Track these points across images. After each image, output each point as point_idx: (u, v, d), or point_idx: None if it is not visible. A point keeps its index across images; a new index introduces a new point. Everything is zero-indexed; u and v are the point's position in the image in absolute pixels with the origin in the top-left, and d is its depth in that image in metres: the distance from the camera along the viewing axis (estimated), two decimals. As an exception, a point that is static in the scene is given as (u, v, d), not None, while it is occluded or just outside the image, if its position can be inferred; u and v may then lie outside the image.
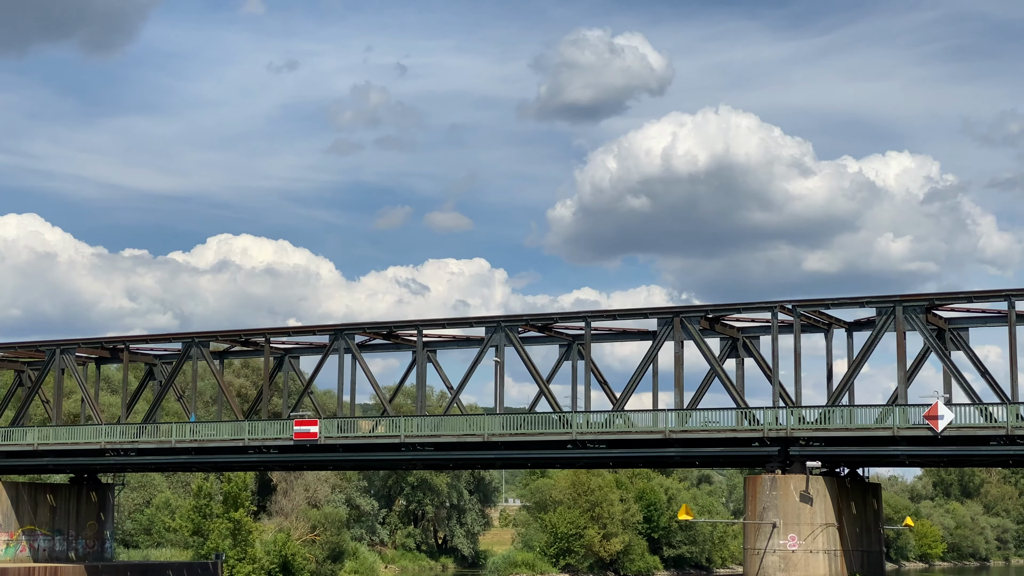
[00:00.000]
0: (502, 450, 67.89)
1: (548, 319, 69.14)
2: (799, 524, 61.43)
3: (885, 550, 69.80)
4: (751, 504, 62.92)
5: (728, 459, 66.74)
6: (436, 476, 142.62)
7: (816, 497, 61.88)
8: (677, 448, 64.95)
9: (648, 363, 66.69)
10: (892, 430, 60.43)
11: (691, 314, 65.72)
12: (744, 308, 65.74)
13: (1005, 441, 59.30)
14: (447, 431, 68.29)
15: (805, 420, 62.59)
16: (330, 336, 72.21)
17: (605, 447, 66.56)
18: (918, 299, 62.37)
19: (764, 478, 62.30)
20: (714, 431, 63.82)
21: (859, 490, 66.28)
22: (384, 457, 70.84)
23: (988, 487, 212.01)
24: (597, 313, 67.74)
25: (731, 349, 71.44)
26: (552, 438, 66.37)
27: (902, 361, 62.72)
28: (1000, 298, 61.55)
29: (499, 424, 67.29)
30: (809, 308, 64.93)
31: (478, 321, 70.00)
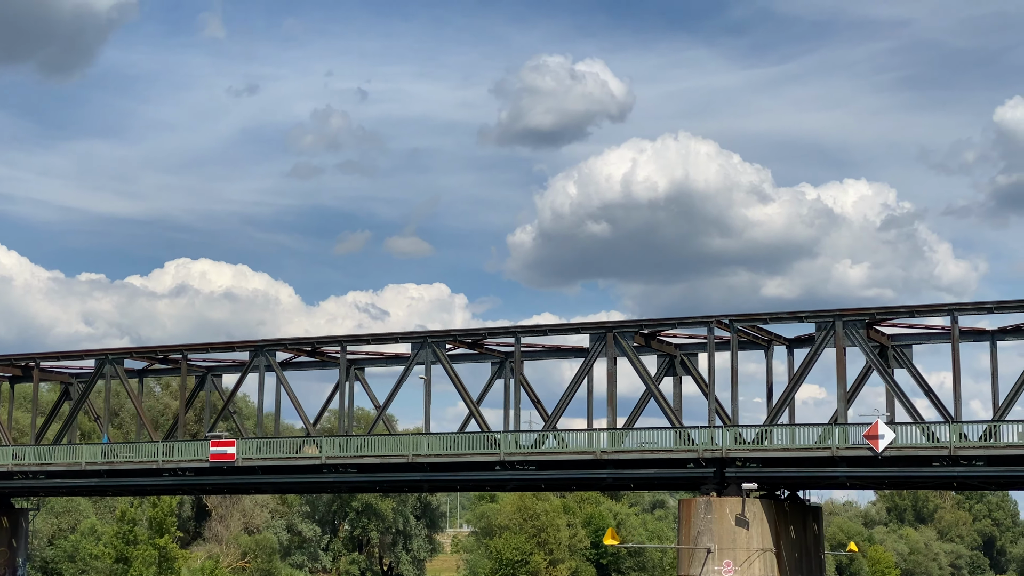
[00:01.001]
0: (428, 471, 64.45)
1: (477, 335, 65.89)
2: (735, 549, 58.30)
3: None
4: (685, 528, 59.77)
5: (663, 481, 63.60)
6: (381, 501, 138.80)
7: (753, 521, 58.78)
8: (610, 470, 61.76)
9: (579, 380, 63.50)
10: (831, 451, 57.48)
11: (624, 329, 62.62)
12: (679, 323, 62.70)
13: (948, 462, 56.45)
14: (370, 452, 64.77)
15: (743, 440, 59.62)
16: (250, 353, 68.65)
17: (535, 468, 63.28)
18: (858, 313, 59.53)
19: (698, 501, 59.17)
20: (647, 452, 60.67)
21: (799, 514, 63.23)
22: (306, 480, 67.22)
23: (942, 513, 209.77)
24: (527, 328, 64.53)
25: (668, 367, 68.43)
26: (480, 459, 63.04)
27: (842, 379, 59.80)
28: (943, 312, 58.81)
29: (425, 444, 63.87)
30: (746, 323, 61.97)
31: (403, 337, 66.63)
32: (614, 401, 62.88)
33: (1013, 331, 62.94)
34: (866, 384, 65.81)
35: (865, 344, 59.24)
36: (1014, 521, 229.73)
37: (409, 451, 63.63)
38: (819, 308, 60.59)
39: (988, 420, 56.37)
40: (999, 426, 55.69)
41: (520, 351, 64.74)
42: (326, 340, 69.10)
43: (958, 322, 58.15)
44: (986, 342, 63.37)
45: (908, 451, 56.45)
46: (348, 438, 65.38)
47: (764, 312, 61.38)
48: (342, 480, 66.61)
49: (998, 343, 63.09)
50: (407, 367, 66.01)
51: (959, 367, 57.87)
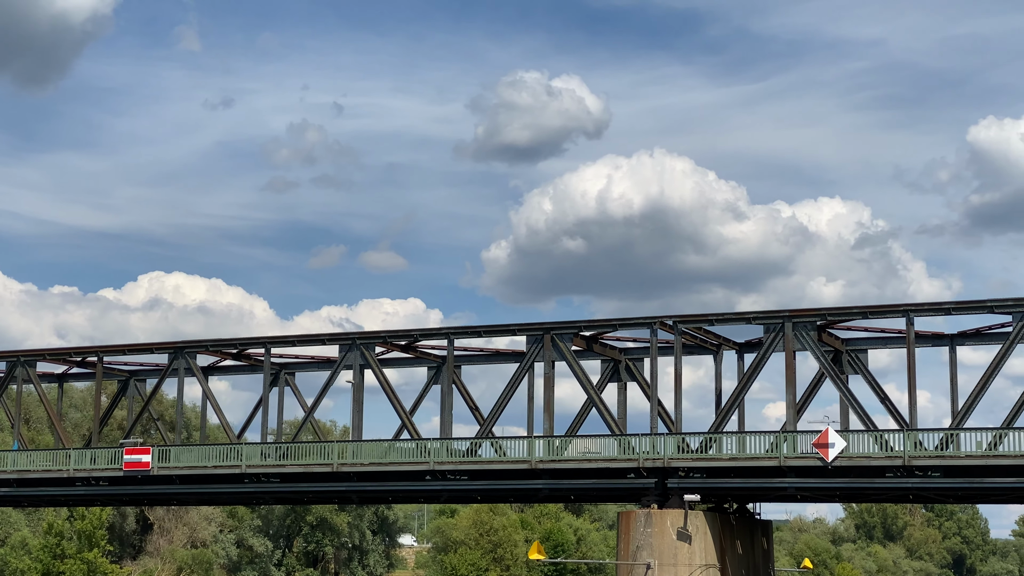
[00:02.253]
0: (355, 481, 60.21)
1: (409, 336, 61.72)
2: (676, 565, 54.21)
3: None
4: (624, 543, 55.68)
5: (603, 492, 59.48)
6: (336, 515, 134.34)
7: (696, 535, 54.71)
8: (546, 480, 57.64)
9: (514, 385, 59.39)
10: (779, 460, 53.50)
11: (562, 331, 58.57)
12: (620, 324, 58.68)
13: (903, 472, 52.54)
14: (294, 460, 60.50)
15: (689, 449, 55.57)
16: (169, 355, 64.34)
17: (468, 478, 59.11)
18: (809, 314, 55.65)
19: (638, 514, 55.10)
20: (585, 461, 56.59)
21: (747, 528, 59.21)
22: (227, 490, 62.83)
23: (911, 530, 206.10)
24: (461, 330, 60.41)
25: (613, 372, 64.40)
26: (409, 468, 58.85)
27: (791, 384, 55.86)
28: (898, 314, 54.94)
29: (351, 453, 59.65)
30: (691, 324, 58.00)
31: (330, 338, 62.40)
32: (551, 407, 58.82)
33: (973, 335, 59.22)
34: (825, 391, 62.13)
35: (816, 347, 55.36)
36: (984, 539, 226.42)
37: (335, 460, 59.41)
38: (770, 309, 56.74)
39: (945, 428, 52.50)
40: (957, 435, 51.86)
41: (452, 353, 60.65)
42: (250, 342, 64.81)
43: (914, 324, 54.33)
44: (945, 347, 59.66)
45: (860, 461, 52.56)
46: (270, 446, 61.11)
47: (709, 313, 57.46)
48: (265, 491, 62.31)
49: (958, 348, 59.37)
50: (334, 370, 61.84)
51: (914, 371, 54.02)
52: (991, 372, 52.76)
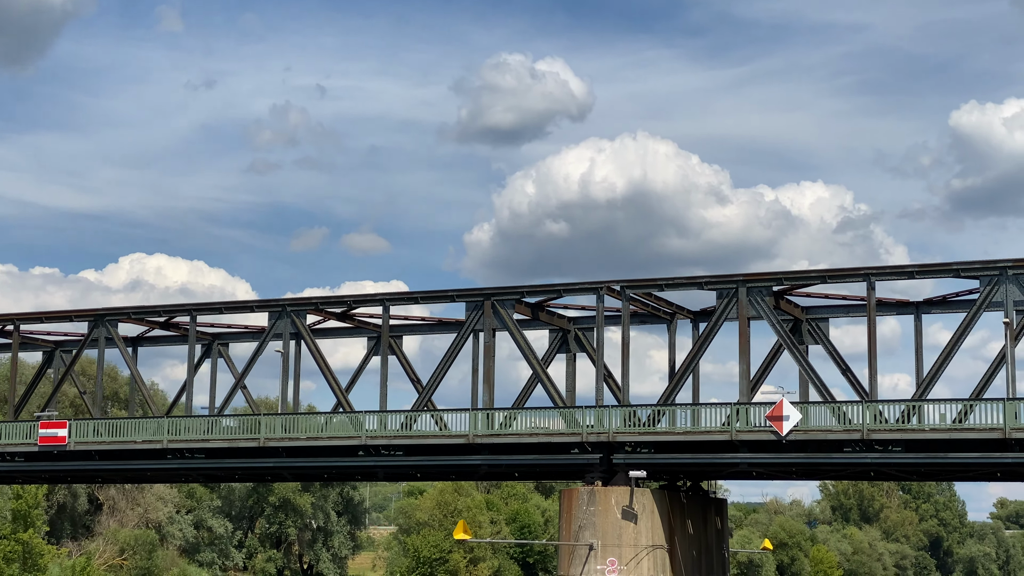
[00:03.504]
0: (284, 457, 56.15)
1: (342, 303, 57.57)
2: (620, 546, 50.28)
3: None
4: (566, 522, 51.73)
5: (547, 469, 55.45)
6: (299, 496, 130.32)
7: (642, 514, 50.77)
8: (485, 455, 53.64)
9: (453, 354, 55.37)
10: (730, 434, 49.58)
11: (504, 297, 54.54)
12: (565, 290, 54.61)
13: (861, 447, 48.67)
14: (219, 435, 56.41)
15: (640, 423, 51.52)
16: (89, 324, 60.14)
17: (403, 454, 55.10)
18: (764, 278, 51.69)
19: (580, 491, 51.15)
20: (525, 435, 52.63)
21: (698, 506, 55.31)
22: (149, 466, 58.65)
23: (888, 512, 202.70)
24: (396, 296, 56.32)
25: (561, 342, 60.43)
26: (340, 443, 54.81)
27: (745, 353, 51.93)
28: (858, 277, 51.00)
29: (279, 426, 55.57)
30: (639, 290, 54.00)
31: (260, 305, 58.24)
32: (491, 378, 54.82)
33: (939, 303, 55.34)
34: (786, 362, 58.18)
35: (772, 314, 51.41)
36: (961, 522, 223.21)
37: (261, 434, 55.35)
38: (723, 273, 52.76)
39: (906, 399, 48.61)
40: (921, 407, 47.95)
41: (388, 321, 56.57)
42: (176, 309, 60.57)
43: (875, 289, 50.40)
44: (911, 315, 55.76)
45: (816, 434, 48.66)
46: (195, 420, 56.99)
47: (659, 278, 53.45)
48: (189, 467, 58.21)
49: (923, 316, 55.48)
50: (263, 339, 57.76)
51: (875, 339, 50.11)
52: (957, 340, 48.91)
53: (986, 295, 48.29)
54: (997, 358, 51.87)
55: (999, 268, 48.15)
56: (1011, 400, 46.11)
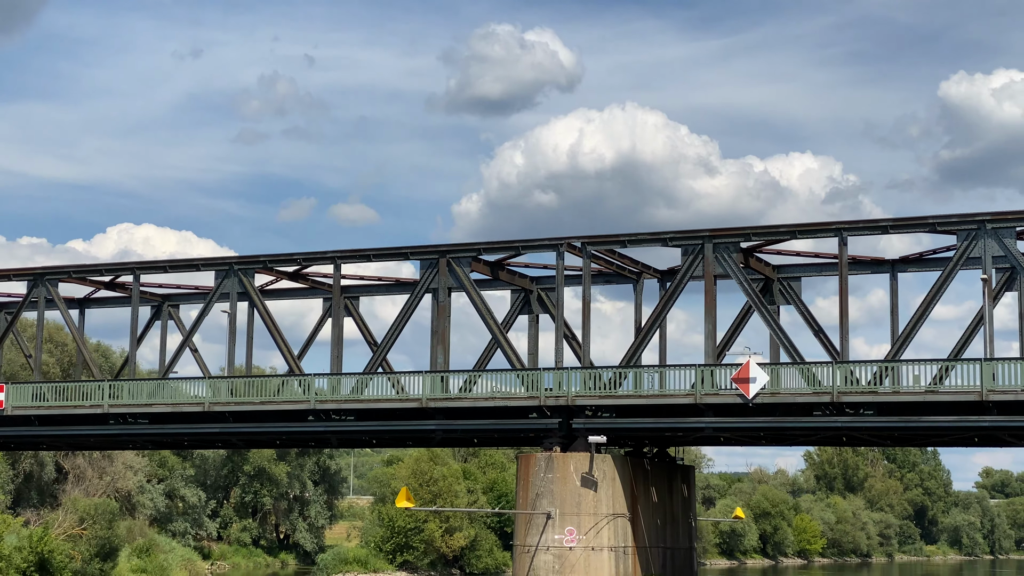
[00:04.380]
0: (230, 422, 53.38)
1: (292, 261, 54.64)
2: (579, 514, 47.64)
3: (698, 546, 56.31)
4: (523, 489, 49.06)
5: (505, 434, 52.67)
6: (275, 465, 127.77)
7: (603, 481, 48.10)
8: (439, 420, 50.90)
9: (406, 315, 52.56)
10: (694, 397, 46.86)
11: (460, 254, 51.67)
12: (523, 246, 51.73)
13: (832, 410, 46.01)
14: (162, 400, 53.57)
15: (605, 385, 48.63)
16: (28, 283, 57.19)
17: (354, 419, 52.36)
18: (731, 234, 48.85)
19: (538, 457, 48.45)
20: (480, 399, 49.87)
21: (664, 473, 52.65)
22: (89, 432, 55.83)
23: (872, 481, 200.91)
24: (348, 253, 53.39)
25: (524, 303, 57.64)
26: (289, 408, 52.01)
27: (711, 311, 49.15)
28: (830, 232, 48.20)
29: (226, 390, 52.77)
30: (601, 246, 51.17)
31: (206, 264, 55.31)
32: (446, 339, 52.00)
33: (916, 261, 52.58)
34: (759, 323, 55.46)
35: (739, 271, 48.59)
36: (946, 491, 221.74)
37: (206, 398, 52.54)
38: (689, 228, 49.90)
39: (878, 360, 45.88)
40: (897, 367, 45.18)
41: (340, 279, 53.69)
42: (119, 268, 57.59)
43: (847, 244, 47.61)
44: (886, 273, 53.00)
45: (784, 397, 45.95)
46: (139, 383, 54.13)
47: (622, 234, 50.60)
48: (133, 433, 55.39)
49: (899, 275, 52.72)
50: (209, 299, 54.88)
51: (847, 296, 47.34)
52: (932, 297, 46.13)
53: (963, 250, 45.51)
54: (976, 319, 49.28)
55: (977, 222, 45.38)
56: (988, 360, 43.41)
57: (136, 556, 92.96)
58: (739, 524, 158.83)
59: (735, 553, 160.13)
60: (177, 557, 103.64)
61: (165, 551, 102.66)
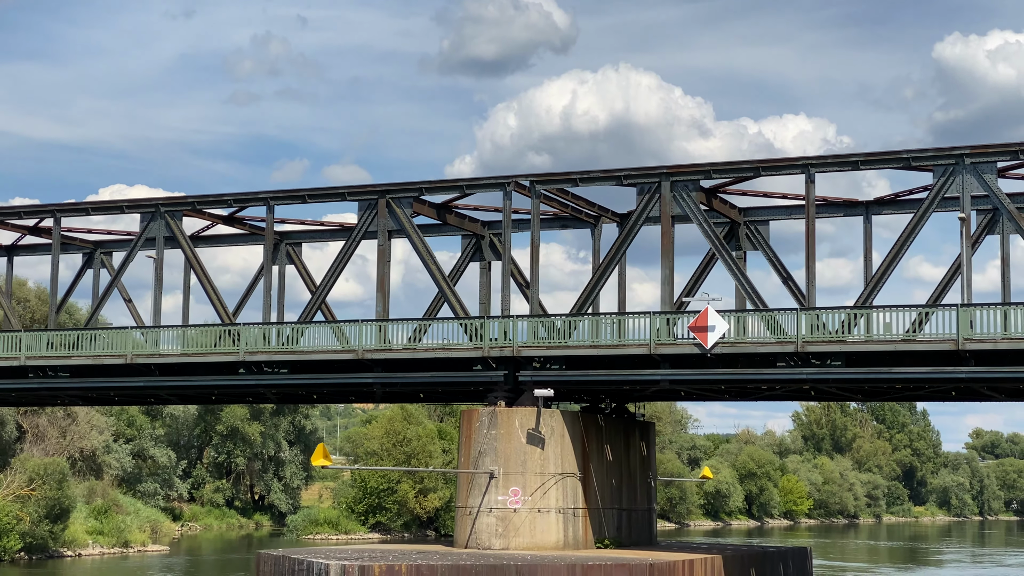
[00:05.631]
0: (155, 375, 49.46)
1: (222, 202, 50.50)
2: (524, 474, 43.80)
3: (657, 507, 52.54)
4: (465, 447, 45.19)
5: (449, 388, 48.63)
6: (248, 425, 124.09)
7: (550, 438, 44.23)
8: (377, 373, 46.97)
9: (343, 260, 48.53)
10: (648, 347, 42.89)
11: (400, 194, 47.58)
12: (468, 186, 47.62)
13: (796, 360, 42.09)
14: (84, 352, 49.62)
15: (559, 335, 44.64)
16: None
17: (288, 372, 48.44)
18: (690, 171, 44.74)
19: (480, 412, 44.55)
20: (420, 350, 45.92)
21: (620, 430, 48.76)
22: (7, 386, 51.83)
23: (861, 442, 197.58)
24: (282, 194, 49.27)
25: (476, 249, 53.63)
26: (216, 359, 48.07)
27: (667, 255, 45.13)
28: (797, 168, 44.09)
29: (153, 341, 48.81)
30: (551, 185, 47.06)
31: (130, 206, 51.21)
32: (385, 286, 47.98)
33: (891, 202, 48.53)
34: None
35: (698, 211, 44.49)
36: (936, 452, 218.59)
37: (128, 350, 48.58)
38: (645, 166, 45.74)
39: (847, 307, 41.88)
40: (869, 316, 41.16)
41: (273, 222, 49.62)
42: (40, 210, 53.38)
43: (814, 181, 43.52)
44: (859, 216, 48.98)
45: (745, 347, 42.00)
46: (57, 334, 50.15)
47: (573, 171, 46.47)
48: (54, 387, 51.42)
49: (873, 218, 48.69)
50: (134, 244, 50.84)
51: (813, 237, 43.33)
52: (906, 239, 42.11)
53: (940, 187, 41.43)
54: (955, 265, 45.36)
55: (955, 156, 41.29)
56: (965, 306, 39.44)
57: (93, 517, 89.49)
58: (724, 485, 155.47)
59: (720, 514, 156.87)
60: (141, 518, 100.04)
61: (129, 512, 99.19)
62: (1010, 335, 38.38)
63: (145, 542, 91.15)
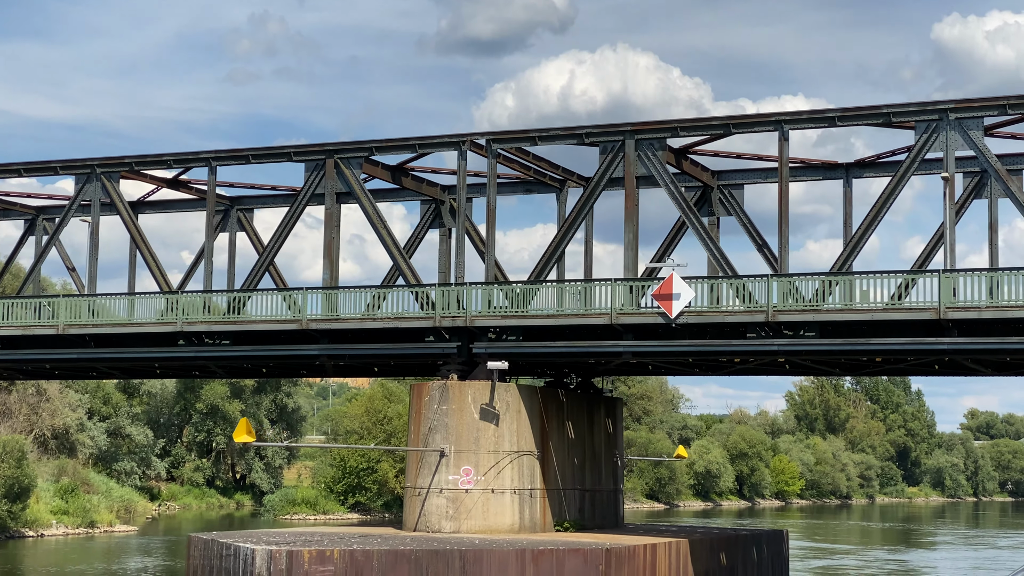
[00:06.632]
0: (92, 347, 46.31)
1: (161, 163, 47.20)
2: (477, 452, 40.69)
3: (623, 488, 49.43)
4: (415, 424, 42.08)
5: (401, 360, 45.29)
6: (229, 403, 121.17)
7: (505, 414, 41.09)
8: (324, 344, 43.82)
9: (288, 224, 45.33)
10: (609, 317, 39.71)
11: (349, 154, 44.32)
12: (421, 145, 44.33)
13: (767, 331, 38.91)
14: (15, 322, 46.44)
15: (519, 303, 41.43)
16: None
17: (230, 343, 45.27)
18: (656, 127, 41.46)
19: (431, 386, 41.40)
20: (368, 320, 42.72)
21: (583, 406, 45.61)
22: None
23: (854, 422, 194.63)
24: (225, 154, 46.01)
25: (435, 215, 50.45)
26: (153, 330, 44.90)
27: (632, 218, 41.90)
28: (769, 125, 40.82)
29: (85, 310, 45.63)
30: (509, 143, 43.80)
31: (64, 167, 47.94)
32: (333, 251, 44.78)
33: (873, 164, 45.30)
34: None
35: (663, 171, 41.23)
36: (930, 432, 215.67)
37: (59, 319, 45.40)
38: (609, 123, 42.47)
39: (822, 272, 38.66)
40: (851, 282, 37.91)
41: (215, 185, 46.36)
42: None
43: (788, 138, 40.27)
44: (840, 179, 45.77)
45: (712, 316, 38.82)
46: (-11, 302, 46.96)
47: (532, 129, 43.19)
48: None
49: (854, 180, 45.49)
50: (68, 207, 47.64)
51: (787, 198, 40.11)
52: (885, 200, 38.87)
53: (922, 145, 38.16)
54: (939, 232, 42.23)
55: (938, 111, 38.03)
56: (948, 272, 36.24)
57: (59, 497, 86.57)
58: (715, 465, 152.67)
59: (710, 495, 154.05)
60: (113, 498, 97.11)
61: (100, 492, 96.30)
62: (996, 303, 35.22)
63: (112, 522, 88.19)
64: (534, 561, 35.11)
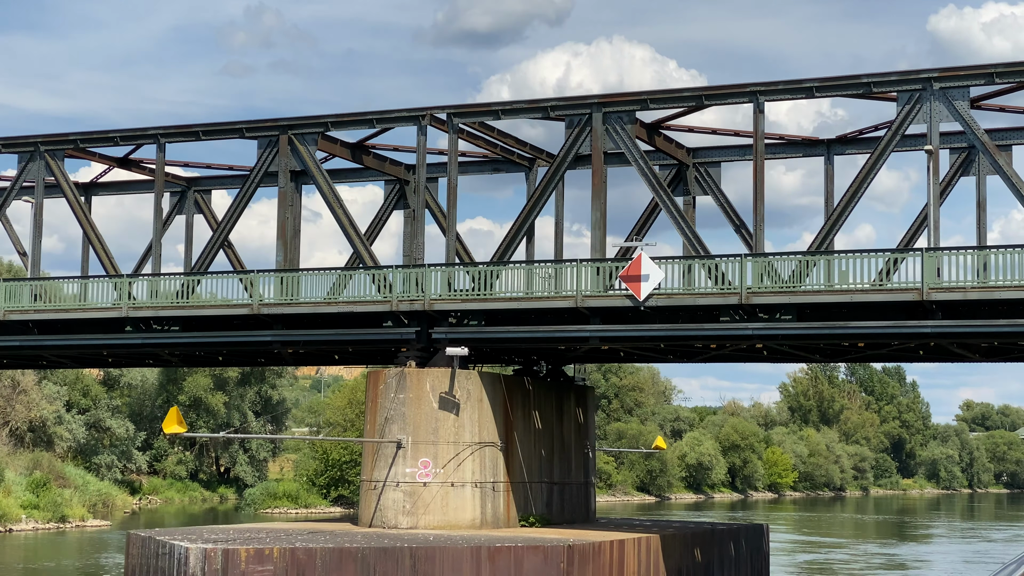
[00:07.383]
0: (35, 333, 43.91)
1: (108, 139, 44.72)
2: (436, 443, 38.29)
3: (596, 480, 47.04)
4: (370, 414, 39.65)
5: (358, 346, 42.76)
6: (212, 395, 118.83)
7: (466, 403, 38.70)
8: (277, 330, 41.41)
9: (240, 204, 42.94)
10: (575, 300, 37.31)
11: (303, 129, 41.88)
12: (379, 119, 41.82)
13: (741, 314, 36.52)
14: (-45, 307, 43.97)
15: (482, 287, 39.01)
16: None
17: (180, 329, 42.86)
18: (625, 100, 39.03)
19: (387, 374, 38.99)
20: (322, 304, 40.31)
21: (550, 395, 43.21)
22: None
23: (848, 414, 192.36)
24: (175, 130, 43.55)
25: (399, 196, 48.05)
26: (98, 315, 42.49)
27: (599, 195, 39.48)
28: (744, 96, 38.41)
29: (28, 295, 43.22)
30: (470, 118, 41.36)
31: (7, 144, 45.45)
32: (286, 233, 42.37)
33: (855, 140, 42.90)
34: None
35: (632, 146, 38.80)
36: (925, 423, 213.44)
37: (0, 305, 42.97)
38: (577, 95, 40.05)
39: (798, 252, 36.26)
40: (830, 262, 35.51)
41: (164, 162, 43.92)
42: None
43: (764, 111, 37.91)
44: (821, 156, 43.38)
45: (683, 299, 36.43)
46: (-72, 287, 44.53)
47: (495, 103, 40.76)
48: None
49: (835, 158, 43.09)
50: (11, 187, 45.21)
51: (762, 174, 37.72)
52: (866, 175, 36.52)
53: (905, 116, 35.76)
54: (923, 213, 39.87)
55: (921, 80, 35.63)
56: (931, 251, 33.86)
57: (30, 491, 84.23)
58: (707, 457, 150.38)
59: (702, 487, 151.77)
60: (89, 492, 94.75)
61: (76, 485, 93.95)
62: (982, 283, 32.86)
63: (85, 517, 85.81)
64: (490, 559, 32.78)
